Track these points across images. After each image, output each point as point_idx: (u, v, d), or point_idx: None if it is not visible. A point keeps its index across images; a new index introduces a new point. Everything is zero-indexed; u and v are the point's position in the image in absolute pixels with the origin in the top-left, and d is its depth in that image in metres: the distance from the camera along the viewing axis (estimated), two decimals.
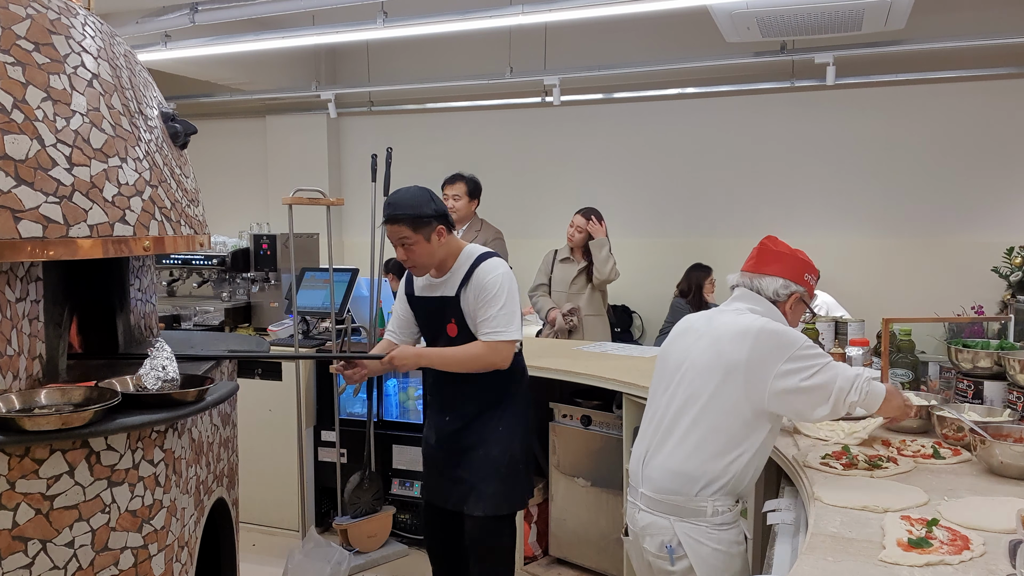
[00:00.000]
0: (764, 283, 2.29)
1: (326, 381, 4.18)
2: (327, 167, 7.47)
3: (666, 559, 2.20)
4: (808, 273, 2.32)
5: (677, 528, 2.18)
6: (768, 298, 2.28)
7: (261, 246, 4.66)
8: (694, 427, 2.19)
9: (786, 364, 2.10)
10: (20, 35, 1.96)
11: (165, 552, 2.14)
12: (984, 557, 1.55)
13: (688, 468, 2.18)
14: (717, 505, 2.16)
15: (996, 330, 4.22)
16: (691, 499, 2.17)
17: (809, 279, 2.32)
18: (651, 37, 6.39)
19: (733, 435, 2.16)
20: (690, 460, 2.18)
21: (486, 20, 4.42)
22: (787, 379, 2.10)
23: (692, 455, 2.18)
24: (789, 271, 2.28)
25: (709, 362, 2.19)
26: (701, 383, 2.19)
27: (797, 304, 2.30)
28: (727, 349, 2.17)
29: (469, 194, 4.73)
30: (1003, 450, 2.01)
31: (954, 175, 5.96)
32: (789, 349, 2.12)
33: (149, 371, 2.15)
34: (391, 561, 3.98)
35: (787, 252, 2.33)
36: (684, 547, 2.17)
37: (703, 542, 2.16)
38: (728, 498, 2.18)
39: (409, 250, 2.82)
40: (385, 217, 2.84)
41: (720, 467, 2.16)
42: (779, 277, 2.28)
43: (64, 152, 1.94)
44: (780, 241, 2.37)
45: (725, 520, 2.18)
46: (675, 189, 6.66)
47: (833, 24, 4.58)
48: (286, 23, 5.43)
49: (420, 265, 2.87)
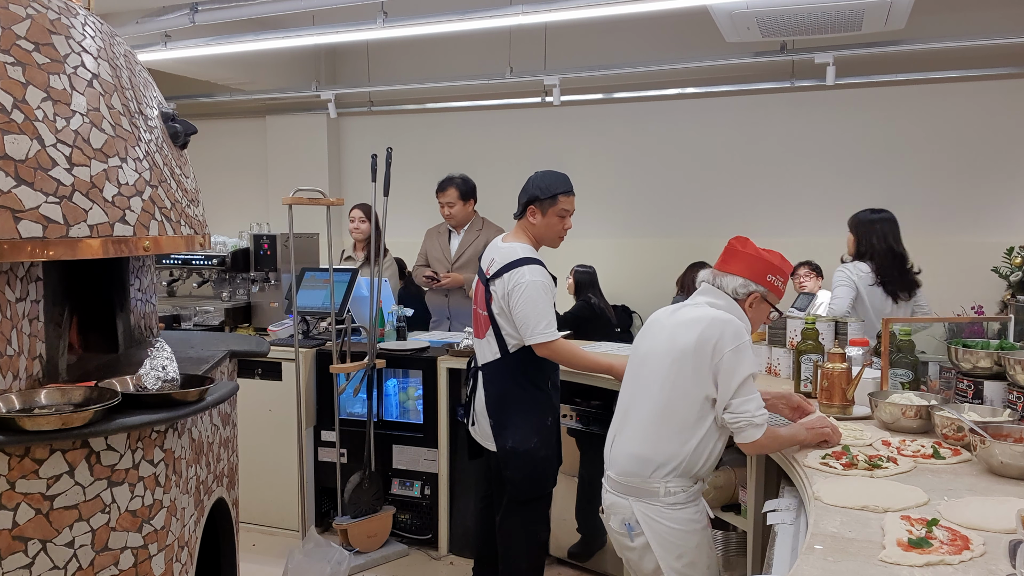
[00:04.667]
0: (725, 281, 2.42)
1: (326, 381, 4.18)
2: (327, 167, 7.47)
3: (626, 535, 2.39)
4: (772, 274, 2.40)
5: (635, 507, 2.35)
6: (729, 295, 2.40)
7: (261, 246, 4.66)
8: (650, 412, 2.36)
9: (731, 353, 2.25)
10: (20, 35, 1.96)
11: (165, 552, 2.14)
12: (984, 557, 1.55)
13: (644, 451, 2.35)
14: (670, 486, 2.33)
15: (996, 330, 4.22)
16: (646, 480, 2.34)
17: (773, 280, 2.41)
18: (651, 37, 6.39)
19: (684, 419, 2.31)
20: (646, 443, 2.35)
21: (486, 20, 4.42)
22: (728, 364, 2.25)
23: (647, 439, 2.35)
24: (750, 271, 2.40)
25: (664, 350, 2.36)
26: (656, 371, 2.37)
27: (759, 303, 2.41)
28: (679, 337, 2.33)
29: (462, 197, 4.67)
30: (1003, 450, 2.01)
31: (954, 175, 5.97)
32: (736, 340, 2.26)
33: (149, 371, 2.15)
34: (391, 561, 3.98)
35: (752, 253, 2.43)
36: (641, 525, 2.34)
37: (659, 520, 2.33)
38: (683, 479, 2.33)
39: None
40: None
41: (672, 450, 2.31)
42: (739, 276, 2.40)
43: (64, 152, 1.94)
44: (749, 242, 2.47)
45: (679, 500, 2.33)
46: (675, 189, 6.66)
47: (833, 24, 4.58)
48: (286, 23, 5.43)
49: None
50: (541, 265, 3.01)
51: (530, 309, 2.92)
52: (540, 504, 3.17)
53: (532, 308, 2.92)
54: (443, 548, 4.07)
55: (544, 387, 3.10)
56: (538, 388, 3.08)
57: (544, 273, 3.00)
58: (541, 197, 3.03)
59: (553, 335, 2.94)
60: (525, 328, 2.94)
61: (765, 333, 3.35)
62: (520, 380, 3.05)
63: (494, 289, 3.02)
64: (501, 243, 3.13)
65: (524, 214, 3.08)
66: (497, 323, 3.03)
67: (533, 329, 2.93)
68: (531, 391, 3.06)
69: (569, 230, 3.13)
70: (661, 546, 2.32)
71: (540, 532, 3.20)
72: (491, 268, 3.06)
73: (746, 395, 2.25)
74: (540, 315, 2.93)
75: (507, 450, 3.05)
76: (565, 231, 3.11)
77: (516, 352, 3.03)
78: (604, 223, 6.72)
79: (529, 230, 3.09)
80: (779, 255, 2.46)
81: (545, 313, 2.94)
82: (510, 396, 3.06)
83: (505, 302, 2.98)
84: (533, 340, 2.94)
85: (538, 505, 3.16)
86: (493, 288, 3.02)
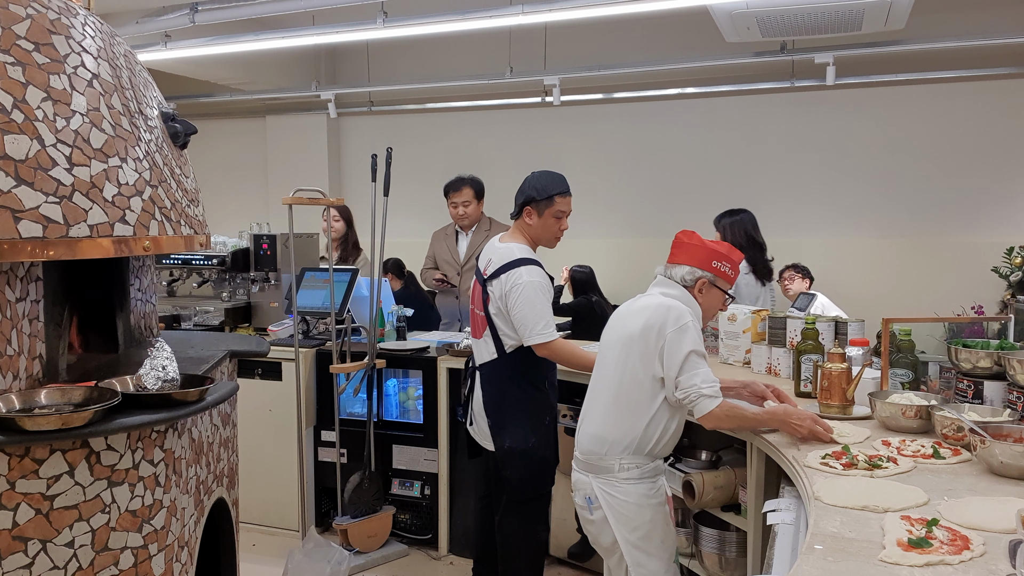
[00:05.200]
0: (675, 271, 2.60)
1: (326, 381, 4.18)
2: (327, 167, 7.47)
3: (587, 509, 2.57)
4: (718, 260, 2.56)
5: (593, 483, 2.54)
6: (679, 283, 2.57)
7: (261, 246, 4.66)
8: (606, 395, 2.55)
9: (673, 333, 2.41)
10: (20, 35, 1.96)
11: (165, 552, 2.14)
12: (984, 557, 1.55)
13: (600, 431, 2.54)
14: (624, 462, 2.50)
15: (996, 330, 4.23)
16: (602, 458, 2.52)
17: (719, 266, 2.56)
18: (651, 37, 6.39)
19: (636, 400, 2.48)
20: (603, 424, 2.54)
21: (486, 20, 4.42)
22: (671, 343, 2.40)
23: (603, 420, 2.54)
24: (695, 259, 2.57)
25: (617, 337, 2.56)
26: (611, 357, 2.56)
27: (709, 289, 2.57)
28: (628, 324, 2.53)
29: (476, 197, 4.66)
30: (1003, 450, 2.01)
31: (954, 175, 5.96)
32: (678, 322, 2.42)
33: (149, 371, 2.15)
34: (391, 561, 3.98)
35: (696, 243, 2.60)
36: (600, 499, 2.52)
37: (613, 494, 2.50)
38: (637, 456, 2.50)
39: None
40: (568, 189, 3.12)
41: (624, 429, 2.49)
42: (686, 265, 2.57)
43: (64, 152, 1.94)
44: (694, 234, 2.64)
45: (632, 476, 2.50)
46: (675, 189, 6.66)
47: (833, 24, 4.58)
48: (286, 23, 5.43)
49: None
50: (538, 266, 3.02)
51: (528, 310, 2.93)
52: (539, 504, 3.17)
53: (530, 309, 2.93)
54: (443, 548, 4.07)
55: (541, 387, 3.10)
56: (535, 388, 3.08)
57: (541, 274, 3.01)
58: (537, 198, 3.03)
59: (552, 335, 2.94)
60: (523, 329, 2.94)
61: (765, 333, 3.36)
62: (517, 380, 3.05)
63: (491, 290, 3.02)
64: (498, 243, 3.13)
65: (520, 215, 3.08)
66: (494, 323, 3.04)
67: (532, 330, 2.93)
68: (528, 391, 3.06)
69: (566, 231, 3.13)
70: (616, 519, 2.49)
71: (539, 532, 3.20)
72: (488, 268, 3.06)
73: (692, 370, 2.39)
74: (538, 316, 2.93)
75: (505, 450, 3.06)
76: (561, 232, 3.11)
77: (513, 352, 3.03)
78: (604, 223, 6.72)
79: (526, 231, 3.09)
80: (726, 244, 2.66)
81: (543, 313, 2.94)
82: (507, 396, 3.06)
83: (503, 302, 2.98)
84: (532, 340, 2.94)
85: (537, 505, 3.16)
86: (490, 289, 3.03)
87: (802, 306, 4.13)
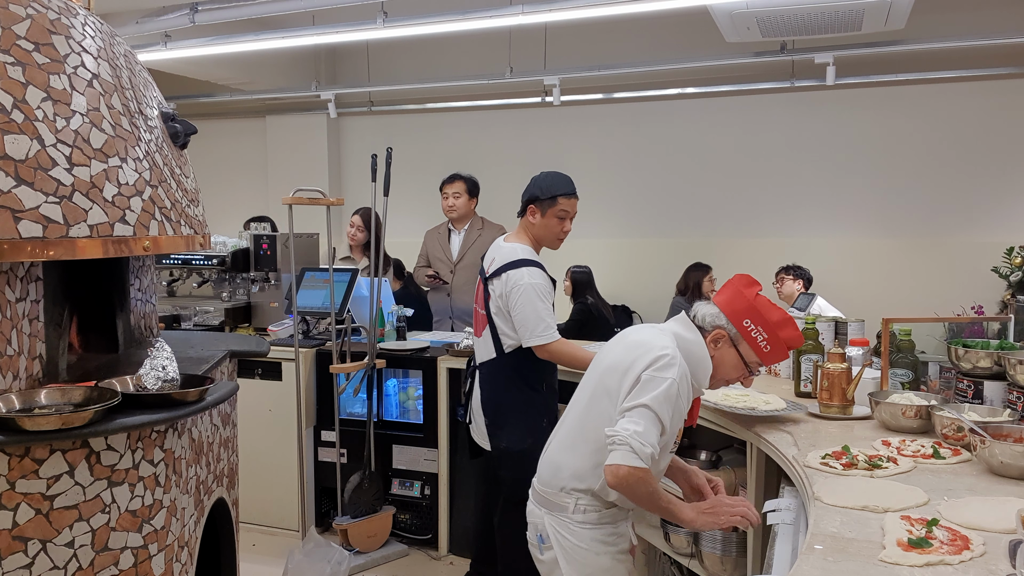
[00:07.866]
0: (700, 307, 2.24)
1: (326, 381, 4.18)
2: (327, 167, 7.47)
3: (537, 547, 2.31)
4: (751, 320, 2.16)
5: (546, 520, 2.26)
6: (697, 324, 2.21)
7: (261, 246, 4.66)
8: (572, 425, 2.28)
9: (650, 373, 2.07)
10: (20, 35, 1.96)
11: (165, 552, 2.14)
12: (984, 557, 1.55)
13: (559, 458, 2.27)
14: (581, 503, 2.21)
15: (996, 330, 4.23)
16: (557, 493, 2.24)
17: (749, 327, 2.16)
18: (651, 37, 6.39)
19: (598, 438, 2.12)
20: (562, 452, 2.27)
21: (486, 20, 4.42)
22: (642, 384, 2.06)
23: (565, 448, 2.27)
24: (729, 305, 2.19)
25: (600, 365, 2.25)
26: (587, 384, 2.29)
27: (726, 346, 2.19)
28: (616, 355, 2.20)
29: (468, 192, 4.77)
30: (1003, 450, 2.01)
31: (954, 175, 5.96)
32: (663, 371, 2.06)
33: (149, 371, 2.16)
34: (391, 561, 3.98)
35: (740, 289, 2.22)
36: (551, 539, 2.25)
37: (566, 536, 2.23)
38: (594, 500, 2.21)
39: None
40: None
41: (585, 465, 2.19)
42: (716, 307, 2.21)
43: (64, 152, 1.94)
44: (753, 283, 2.25)
45: (589, 520, 2.21)
46: (675, 189, 6.66)
47: (833, 24, 4.58)
48: (286, 23, 5.43)
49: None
50: (540, 268, 3.02)
51: (528, 311, 2.93)
52: None
53: (531, 310, 2.93)
54: (443, 548, 4.07)
55: (539, 388, 3.10)
56: (533, 389, 3.08)
57: (543, 275, 3.01)
58: (541, 197, 3.04)
59: (552, 336, 2.95)
60: (524, 330, 2.95)
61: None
62: (515, 381, 3.06)
63: (492, 288, 3.03)
64: (503, 243, 3.14)
65: (525, 212, 3.09)
66: (494, 322, 3.04)
67: (532, 331, 2.93)
68: (526, 392, 3.06)
69: (568, 233, 3.13)
70: (568, 562, 2.21)
71: None
72: (491, 267, 3.06)
73: (639, 419, 2.02)
74: (539, 317, 2.93)
75: (501, 450, 3.06)
76: (564, 233, 3.11)
77: (511, 352, 3.03)
78: (604, 223, 6.73)
79: (529, 230, 3.10)
80: (781, 315, 2.20)
81: (543, 315, 2.94)
82: (504, 397, 3.07)
83: (503, 301, 2.99)
84: (531, 342, 2.94)
85: None
86: (491, 287, 3.03)
87: (802, 306, 4.13)
